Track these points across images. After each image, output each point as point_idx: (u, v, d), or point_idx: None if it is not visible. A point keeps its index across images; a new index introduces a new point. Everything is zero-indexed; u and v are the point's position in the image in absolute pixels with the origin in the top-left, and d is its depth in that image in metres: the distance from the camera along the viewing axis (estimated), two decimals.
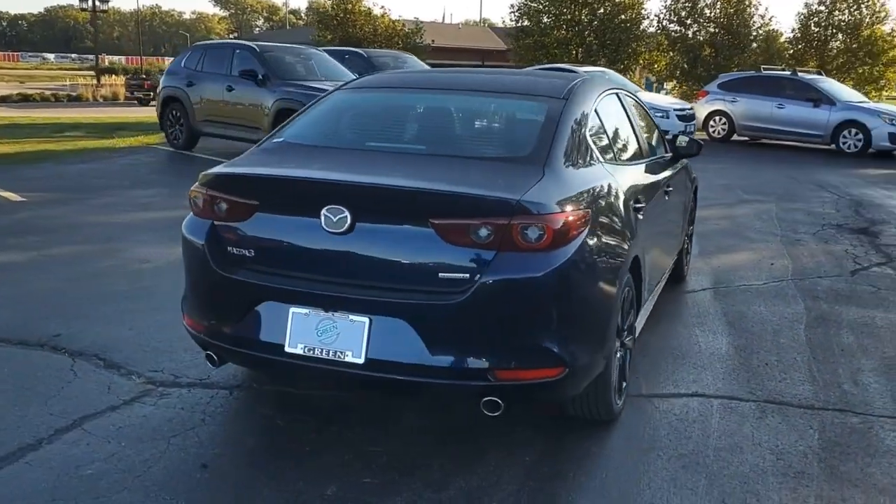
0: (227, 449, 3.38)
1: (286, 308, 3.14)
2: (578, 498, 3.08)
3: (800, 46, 31.34)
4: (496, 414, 3.06)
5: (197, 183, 3.46)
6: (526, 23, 29.45)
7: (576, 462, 3.35)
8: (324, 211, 3.05)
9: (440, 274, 3.00)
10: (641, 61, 29.28)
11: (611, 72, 17.98)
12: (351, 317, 3.05)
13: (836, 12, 31.01)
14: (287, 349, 3.13)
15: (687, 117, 15.89)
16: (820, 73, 19.31)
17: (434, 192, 3.03)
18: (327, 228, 3.06)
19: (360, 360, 3.03)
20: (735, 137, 17.95)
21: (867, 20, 30.78)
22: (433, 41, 30.85)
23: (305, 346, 3.10)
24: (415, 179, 3.12)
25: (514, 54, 30.63)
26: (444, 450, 3.41)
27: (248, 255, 3.26)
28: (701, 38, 29.02)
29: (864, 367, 4.55)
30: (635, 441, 3.56)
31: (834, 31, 31.09)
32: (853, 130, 15.84)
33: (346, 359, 3.04)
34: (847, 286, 6.30)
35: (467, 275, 2.97)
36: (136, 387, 3.93)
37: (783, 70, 20.61)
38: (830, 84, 17.52)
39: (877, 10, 30.82)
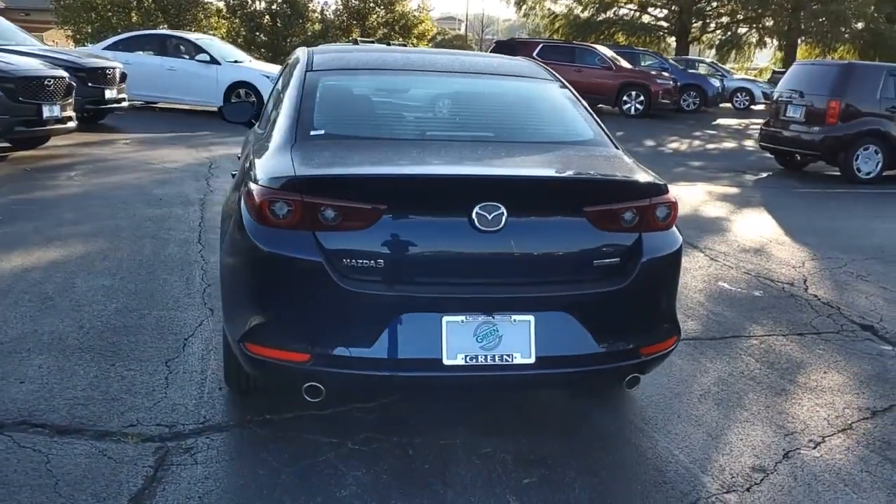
0: (346, 488, 2.95)
1: (437, 318, 2.86)
2: (689, 453, 3.37)
3: (344, 17, 33.35)
4: (633, 389, 3.21)
5: (270, 188, 2.89)
6: None
7: (655, 419, 3.62)
8: (477, 209, 2.84)
9: (594, 262, 3.02)
10: (203, 28, 28.40)
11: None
12: (514, 317, 2.91)
13: None
14: (446, 362, 2.86)
15: None
16: (356, 43, 20.96)
17: (589, 180, 3.02)
18: (481, 227, 2.85)
19: (531, 360, 2.91)
20: None
21: None
22: None
23: (467, 356, 2.87)
24: (563, 169, 3.05)
25: (56, 15, 27.39)
26: (546, 439, 3.41)
27: (375, 265, 2.86)
28: (261, 7, 29.23)
29: (688, 300, 5.50)
30: (674, 389, 3.94)
31: (372, 4, 33.67)
32: None
33: (515, 361, 2.90)
34: None
35: (618, 259, 3.05)
36: (140, 449, 3.13)
37: (373, 41, 21.93)
38: None
39: None
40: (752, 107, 26.52)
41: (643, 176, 3.14)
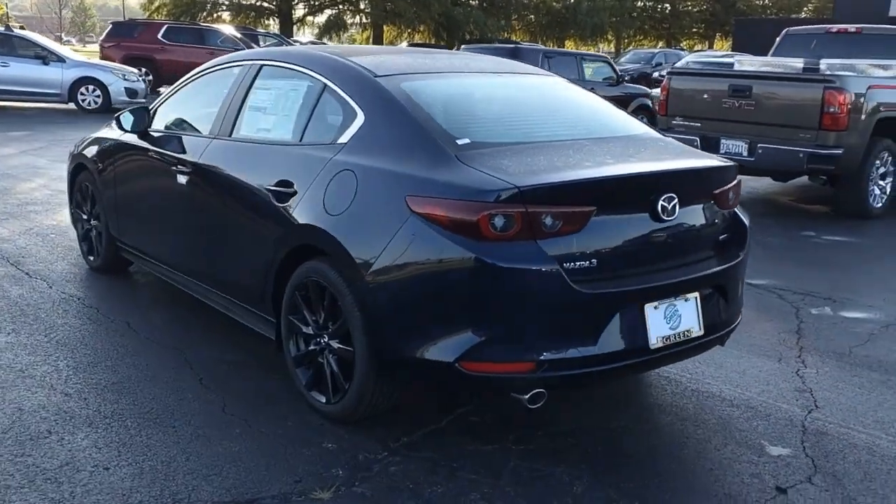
0: (579, 488, 3.04)
1: (639, 307, 3.08)
2: (765, 393, 4.00)
3: None
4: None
5: (488, 202, 2.82)
6: None
7: (699, 372, 4.16)
8: (661, 201, 3.10)
9: (720, 238, 3.47)
10: None
11: None
12: (686, 296, 3.24)
13: None
14: (651, 346, 3.10)
15: None
16: (10, 29, 18.30)
17: (717, 167, 3.41)
18: (663, 217, 3.12)
19: (702, 332, 3.29)
20: None
21: None
22: None
23: (662, 338, 3.14)
24: (702, 159, 3.41)
25: None
26: (663, 409, 3.78)
27: (589, 265, 2.96)
28: None
29: None
30: None
31: None
32: (91, 87, 16.01)
33: (693, 335, 3.25)
34: None
35: (728, 234, 3.53)
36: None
37: None
38: (50, 41, 17.02)
39: None
40: None
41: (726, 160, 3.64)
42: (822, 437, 3.48)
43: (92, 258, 5.47)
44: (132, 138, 4.76)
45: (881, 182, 8.64)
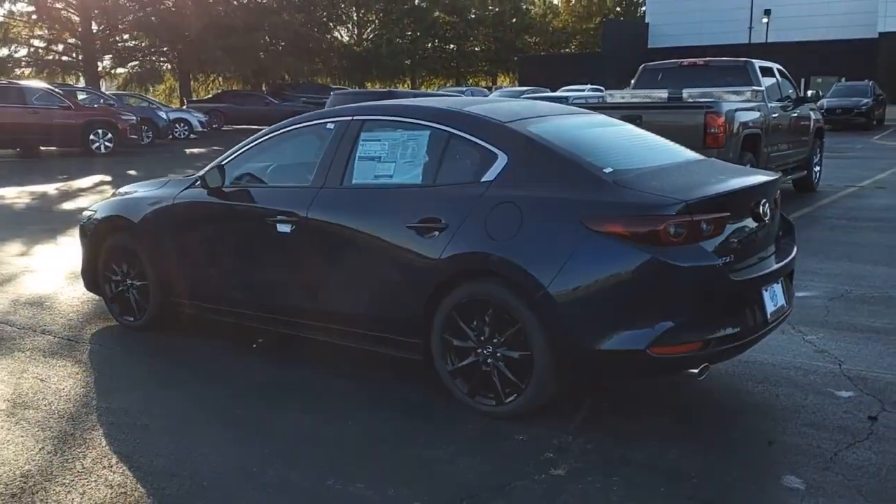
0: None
1: (760, 290, 3.91)
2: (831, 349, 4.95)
3: None
4: None
5: (666, 215, 3.54)
6: None
7: None
8: (761, 206, 3.97)
9: (779, 233, 4.39)
10: None
11: None
12: (777, 280, 4.11)
13: None
14: (769, 320, 3.95)
15: None
16: None
17: (778, 179, 4.33)
18: (764, 219, 3.99)
19: (788, 306, 4.20)
20: None
21: None
22: None
23: (771, 312, 3.99)
24: (762, 173, 4.29)
25: None
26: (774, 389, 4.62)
27: (730, 260, 3.74)
28: None
29: None
30: None
31: None
32: None
33: (784, 310, 4.15)
34: None
35: (782, 230, 4.46)
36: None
37: None
38: None
39: None
40: (192, 136, 27.39)
41: None
42: (866, 381, 4.45)
43: (131, 318, 5.48)
44: (198, 194, 4.97)
45: None
